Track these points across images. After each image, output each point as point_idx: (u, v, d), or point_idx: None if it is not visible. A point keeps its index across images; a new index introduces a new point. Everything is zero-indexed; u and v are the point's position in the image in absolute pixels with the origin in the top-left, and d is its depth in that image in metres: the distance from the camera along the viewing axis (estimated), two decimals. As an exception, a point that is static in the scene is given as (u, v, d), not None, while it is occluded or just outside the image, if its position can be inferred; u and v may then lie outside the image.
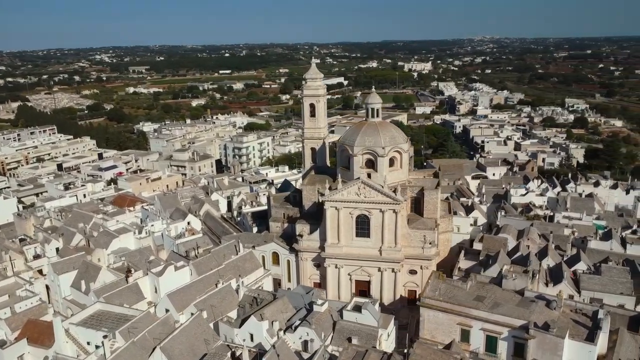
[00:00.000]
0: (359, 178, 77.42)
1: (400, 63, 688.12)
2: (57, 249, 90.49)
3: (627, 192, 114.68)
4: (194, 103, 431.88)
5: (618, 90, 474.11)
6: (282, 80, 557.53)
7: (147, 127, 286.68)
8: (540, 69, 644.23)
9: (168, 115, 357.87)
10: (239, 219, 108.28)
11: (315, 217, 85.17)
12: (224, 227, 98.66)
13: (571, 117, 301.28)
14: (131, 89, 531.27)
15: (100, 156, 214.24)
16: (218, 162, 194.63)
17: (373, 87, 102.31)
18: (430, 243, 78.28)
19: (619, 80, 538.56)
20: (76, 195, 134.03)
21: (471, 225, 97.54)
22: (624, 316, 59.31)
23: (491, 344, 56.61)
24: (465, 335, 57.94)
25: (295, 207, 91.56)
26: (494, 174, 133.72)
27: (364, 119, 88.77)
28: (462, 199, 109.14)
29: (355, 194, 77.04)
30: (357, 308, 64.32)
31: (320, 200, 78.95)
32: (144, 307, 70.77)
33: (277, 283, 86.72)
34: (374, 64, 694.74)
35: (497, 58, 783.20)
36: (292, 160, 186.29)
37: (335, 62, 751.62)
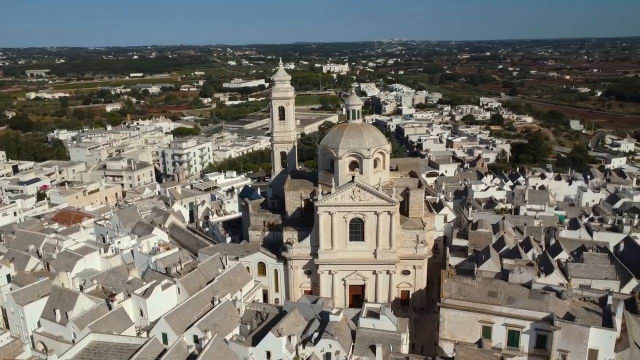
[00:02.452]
0: (352, 181, 76.04)
1: (317, 65, 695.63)
2: (9, 276, 79.92)
3: (570, 182, 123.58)
4: (109, 108, 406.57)
5: (519, 89, 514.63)
6: (200, 83, 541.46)
7: (63, 135, 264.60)
8: (448, 70, 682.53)
9: (82, 122, 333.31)
10: (206, 229, 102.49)
11: (302, 223, 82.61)
12: (196, 239, 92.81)
13: (487, 114, 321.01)
14: (32, 94, 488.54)
15: (16, 169, 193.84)
16: (155, 170, 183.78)
17: (353, 89, 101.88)
18: (422, 242, 78.83)
19: (518, 79, 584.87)
20: (6, 214, 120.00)
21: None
22: (618, 300, 63.06)
23: (513, 338, 57.81)
24: (487, 332, 58.68)
25: (276, 213, 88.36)
26: (446, 171, 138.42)
27: (345, 120, 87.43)
28: (428, 197, 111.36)
29: (349, 198, 75.61)
30: (372, 314, 63.13)
31: (315, 205, 76.43)
32: (132, 334, 64.64)
33: (263, 294, 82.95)
34: (292, 66, 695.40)
35: (408, 60, 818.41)
36: (236, 165, 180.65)
37: (252, 65, 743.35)
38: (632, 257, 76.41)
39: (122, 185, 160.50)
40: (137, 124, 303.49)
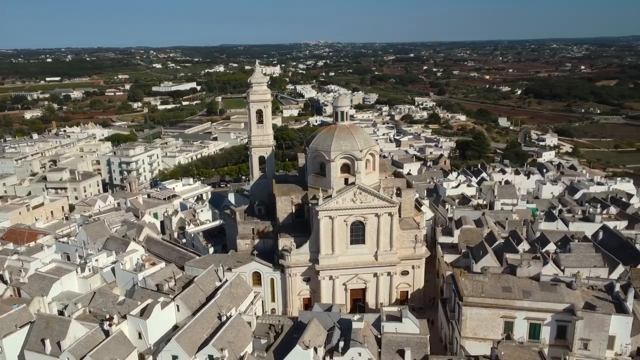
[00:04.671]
0: (354, 183, 74.77)
1: (247, 67, 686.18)
2: (-29, 306, 70.66)
3: (528, 177, 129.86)
4: (28, 115, 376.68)
5: (446, 88, 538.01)
6: (127, 86, 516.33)
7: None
8: (377, 71, 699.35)
9: (0, 130, 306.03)
10: (183, 240, 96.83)
11: (295, 229, 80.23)
12: (178, 251, 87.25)
13: (424, 114, 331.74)
14: None
15: None
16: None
17: (341, 90, 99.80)
18: (420, 242, 79.11)
19: (443, 80, 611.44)
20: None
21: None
22: (629, 286, 65.92)
23: (534, 331, 59.16)
24: (508, 327, 59.61)
25: (264, 220, 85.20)
26: (410, 170, 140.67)
27: (333, 122, 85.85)
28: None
29: (350, 201, 74.25)
30: (392, 317, 62.16)
31: (316, 210, 74.14)
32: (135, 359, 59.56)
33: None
34: (221, 69, 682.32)
35: (337, 61, 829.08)
36: (189, 171, 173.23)
37: (179, 67, 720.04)
38: (611, 244, 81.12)
39: (67, 197, 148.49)
40: (65, 131, 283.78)
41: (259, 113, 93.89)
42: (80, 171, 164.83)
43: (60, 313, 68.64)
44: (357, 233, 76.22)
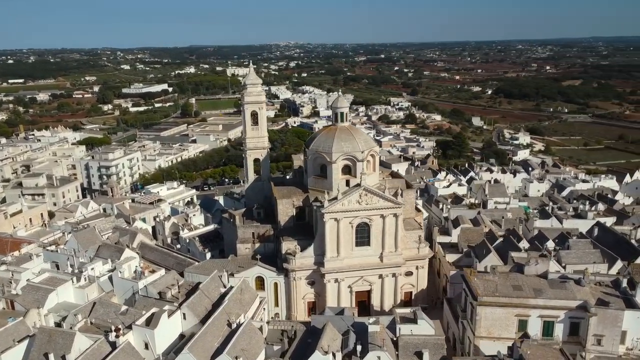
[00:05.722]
0: (359, 185, 74.15)
1: (219, 68, 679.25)
2: (-39, 321, 66.90)
3: (514, 175, 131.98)
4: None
5: (419, 89, 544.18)
6: (95, 89, 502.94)
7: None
8: (349, 72, 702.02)
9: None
10: (178, 246, 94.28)
11: (297, 232, 79.19)
12: (176, 257, 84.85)
13: (401, 114, 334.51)
14: None
15: None
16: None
17: (340, 90, 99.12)
18: (423, 242, 79.11)
19: (415, 80, 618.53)
20: None
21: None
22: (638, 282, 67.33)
23: (548, 328, 59.70)
24: (522, 325, 59.98)
25: (264, 223, 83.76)
26: (398, 170, 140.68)
27: (332, 123, 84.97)
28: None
29: (356, 202, 73.61)
30: (406, 319, 61.79)
31: (322, 212, 73.12)
32: (144, 371, 57.42)
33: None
34: (192, 70, 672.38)
35: (308, 62, 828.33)
36: (171, 175, 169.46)
37: (148, 69, 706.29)
38: (607, 240, 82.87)
39: (46, 204, 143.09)
40: (34, 135, 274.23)
41: (254, 115, 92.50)
42: (57, 176, 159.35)
43: (58, 325, 65.75)
44: (362, 235, 75.69)
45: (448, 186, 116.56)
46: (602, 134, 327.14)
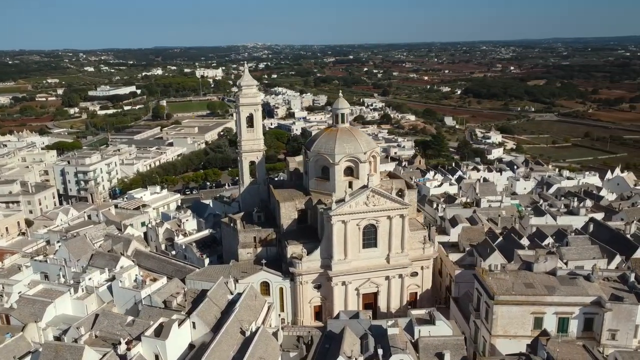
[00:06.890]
0: (366, 186, 73.41)
1: (187, 70, 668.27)
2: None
3: (500, 173, 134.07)
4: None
5: (389, 89, 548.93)
6: (59, 91, 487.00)
7: None
8: (319, 73, 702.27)
9: None
10: (173, 252, 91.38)
11: (301, 235, 77.93)
12: (174, 264, 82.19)
13: (375, 114, 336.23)
14: None
15: None
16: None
17: (340, 92, 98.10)
18: (427, 242, 79.05)
19: (384, 81, 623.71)
20: None
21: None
22: None
23: (563, 325, 60.29)
24: (538, 323, 60.39)
25: (265, 227, 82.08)
26: (386, 170, 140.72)
27: (333, 125, 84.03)
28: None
29: (364, 204, 72.86)
30: (423, 320, 61.39)
31: (329, 215, 71.99)
32: (157, 385, 55.18)
33: (268, 316, 76.31)
34: (159, 71, 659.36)
35: (277, 63, 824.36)
36: (152, 179, 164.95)
37: (113, 70, 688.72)
38: (603, 236, 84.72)
39: (21, 211, 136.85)
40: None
41: (249, 117, 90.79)
42: (32, 183, 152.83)
43: (57, 339, 62.56)
44: (369, 236, 75.04)
45: (439, 185, 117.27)
46: (568, 132, 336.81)
